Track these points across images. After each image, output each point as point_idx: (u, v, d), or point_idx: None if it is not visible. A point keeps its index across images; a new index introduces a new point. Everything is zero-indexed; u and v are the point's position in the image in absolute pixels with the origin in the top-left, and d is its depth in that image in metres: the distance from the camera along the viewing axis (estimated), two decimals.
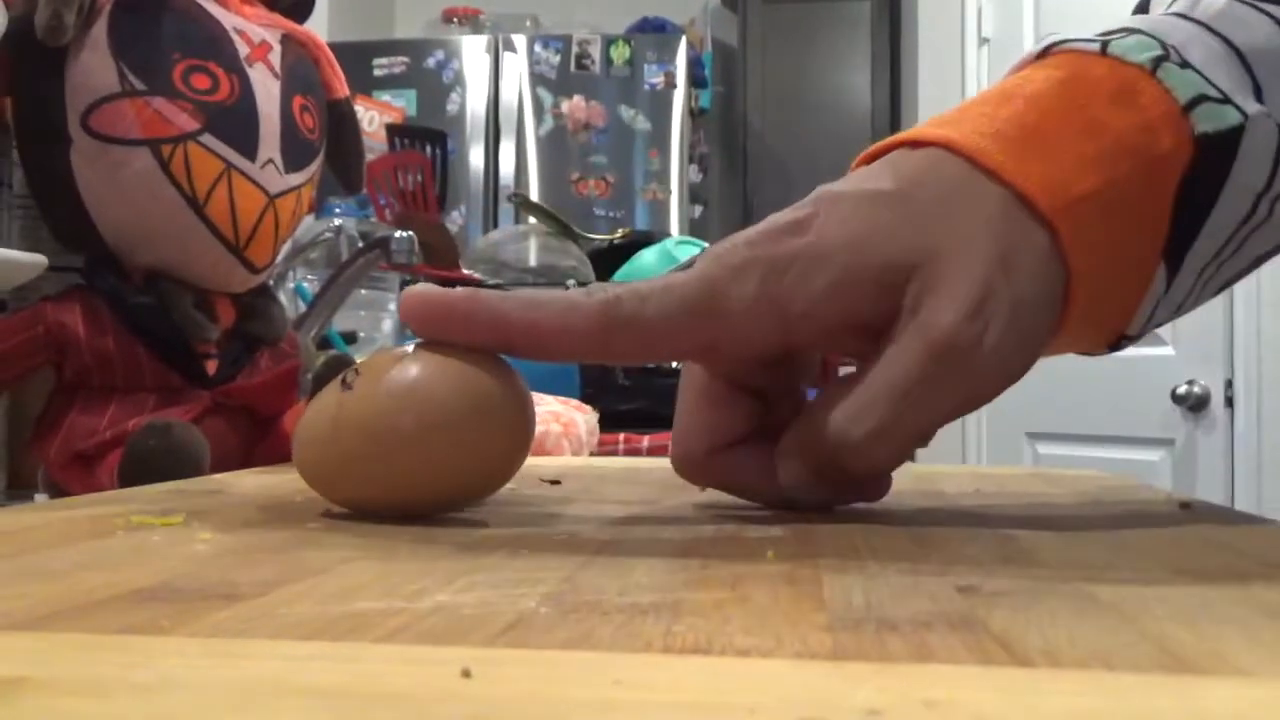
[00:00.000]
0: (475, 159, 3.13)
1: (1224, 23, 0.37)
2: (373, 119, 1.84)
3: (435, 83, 3.18)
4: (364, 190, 0.92)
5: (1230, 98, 0.36)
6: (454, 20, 3.61)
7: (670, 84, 3.13)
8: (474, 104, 3.16)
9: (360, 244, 1.07)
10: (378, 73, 3.18)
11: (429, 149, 1.57)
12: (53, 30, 0.57)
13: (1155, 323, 0.39)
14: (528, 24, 3.52)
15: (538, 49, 3.18)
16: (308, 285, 1.16)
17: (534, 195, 2.97)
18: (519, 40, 3.21)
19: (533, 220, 1.73)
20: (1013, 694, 0.16)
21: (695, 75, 3.28)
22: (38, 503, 0.57)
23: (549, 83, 3.17)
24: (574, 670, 0.17)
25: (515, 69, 3.17)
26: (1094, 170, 0.35)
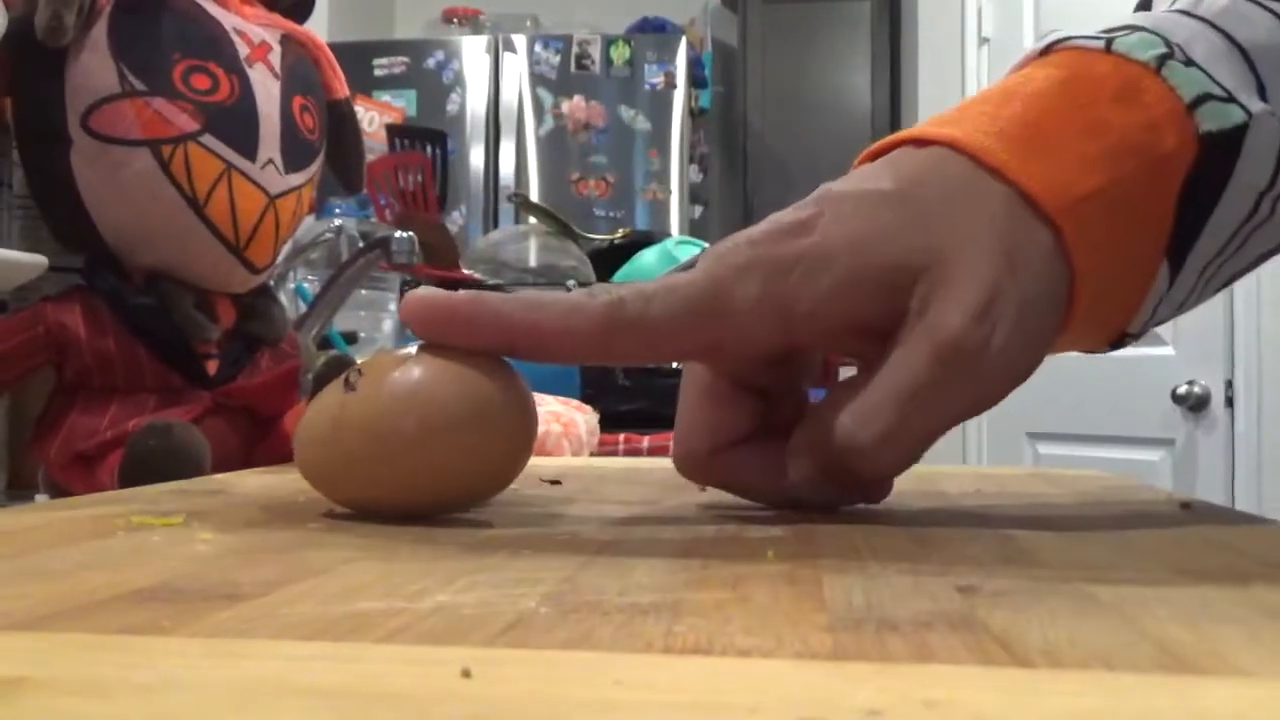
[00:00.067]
0: (475, 159, 3.13)
1: (1227, 19, 0.37)
2: (373, 119, 1.84)
3: (435, 83, 3.18)
4: (364, 190, 0.92)
5: (1234, 96, 0.35)
6: (454, 20, 3.61)
7: (670, 84, 3.13)
8: (474, 104, 3.16)
9: (360, 244, 1.07)
10: (378, 73, 3.18)
11: (429, 149, 1.57)
12: (53, 31, 0.57)
13: (1157, 320, 0.39)
14: (528, 24, 3.52)
15: (538, 49, 3.18)
16: (308, 285, 1.16)
17: (534, 195, 2.97)
18: (519, 40, 3.21)
19: (533, 220, 1.73)
20: (1013, 694, 0.16)
21: (695, 75, 3.28)
22: (38, 503, 0.57)
23: (549, 83, 3.17)
24: (574, 670, 0.17)
25: (515, 69, 3.17)
26: (1097, 169, 0.34)
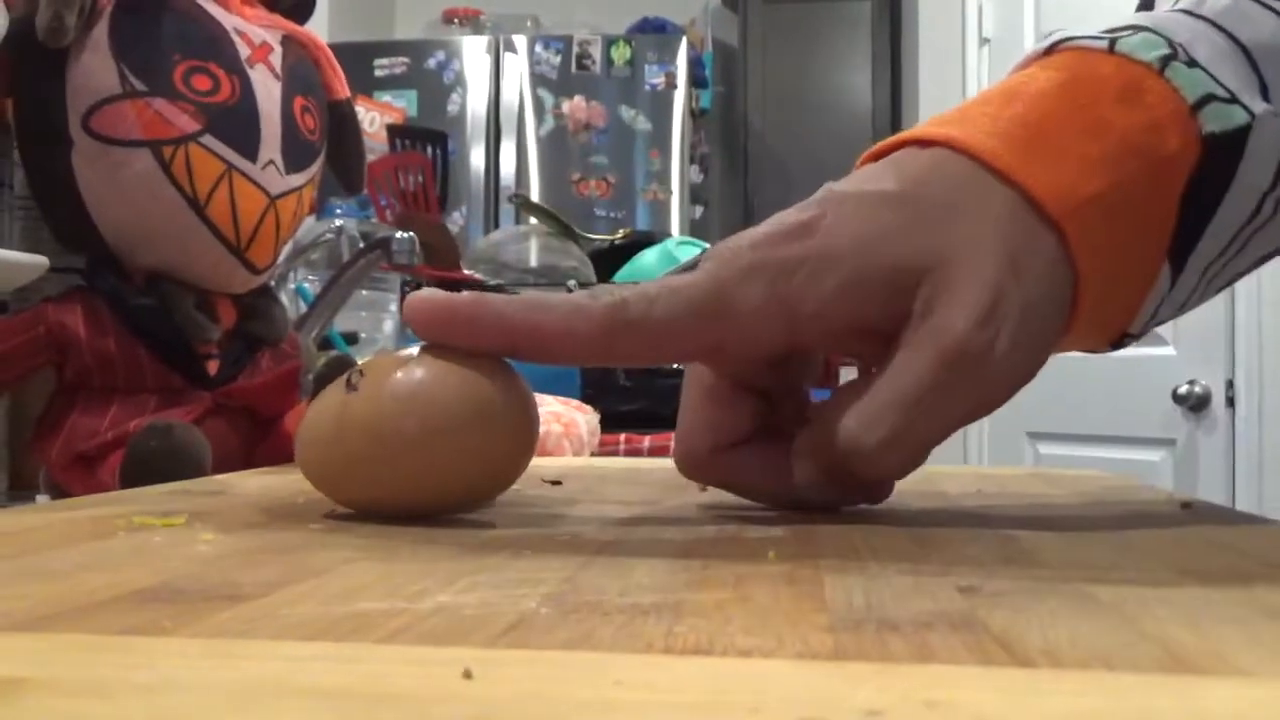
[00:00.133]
0: (476, 160, 3.13)
1: (1230, 19, 0.37)
2: (373, 120, 1.84)
3: (436, 83, 3.18)
4: (365, 191, 0.92)
5: (1238, 97, 0.35)
6: (454, 21, 3.61)
7: (671, 84, 3.13)
8: (475, 104, 3.16)
9: (361, 245, 1.07)
10: (378, 73, 3.18)
11: (430, 150, 1.57)
12: (54, 32, 0.57)
13: (1159, 320, 0.39)
14: (528, 24, 3.52)
15: (538, 49, 3.18)
16: (309, 286, 1.16)
17: (535, 196, 2.97)
18: (519, 41, 3.21)
19: (534, 221, 1.73)
20: (1013, 694, 0.16)
21: (696, 75, 3.28)
22: (39, 504, 0.57)
23: (550, 83, 3.17)
24: (575, 671, 0.17)
25: (516, 69, 3.17)
26: (1101, 171, 0.34)
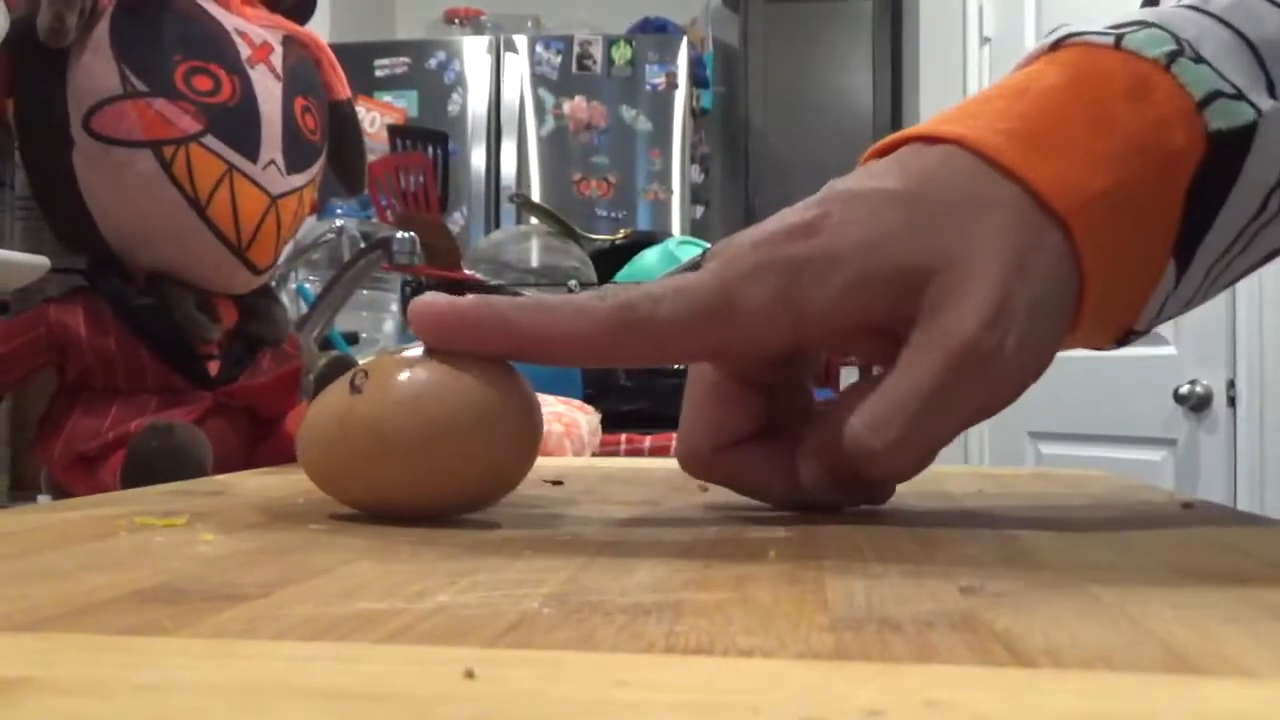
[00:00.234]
0: (477, 160, 3.13)
1: (1236, 15, 0.37)
2: (374, 120, 1.84)
3: (437, 83, 3.18)
4: (365, 191, 0.92)
5: (1244, 93, 0.35)
6: (455, 21, 3.61)
7: (672, 84, 3.13)
8: (475, 105, 3.16)
9: (362, 245, 1.07)
10: (379, 74, 3.18)
11: (430, 150, 1.57)
12: (54, 32, 0.57)
13: (1164, 317, 0.38)
14: (529, 25, 3.52)
15: (539, 49, 3.18)
16: (310, 286, 1.16)
17: (536, 196, 2.97)
18: (520, 41, 3.21)
19: (534, 221, 1.72)
20: (1015, 694, 0.16)
21: (697, 75, 3.28)
22: (40, 504, 0.57)
23: (550, 83, 3.17)
24: (577, 670, 0.17)
25: (517, 70, 3.17)
26: (1107, 168, 0.34)
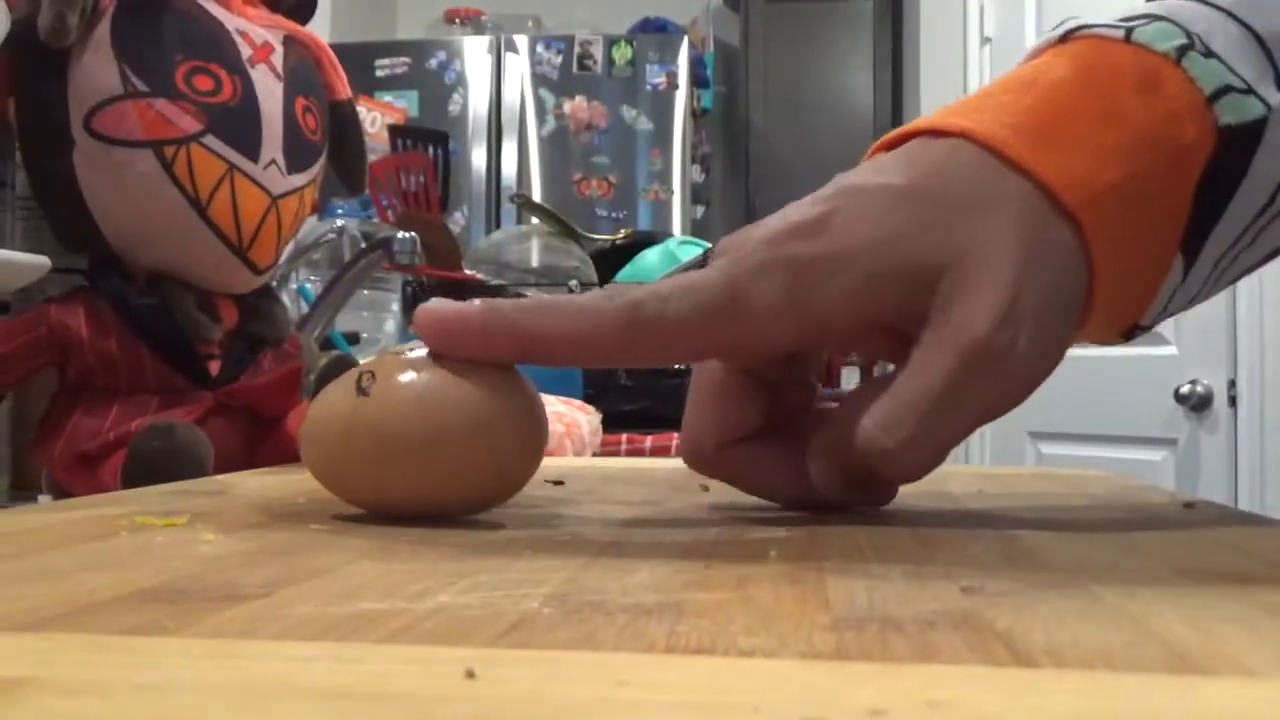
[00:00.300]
0: (477, 160, 3.13)
1: (1245, 8, 0.36)
2: (375, 120, 1.84)
3: (437, 83, 3.18)
4: (366, 191, 0.92)
5: (1254, 88, 0.35)
6: (456, 21, 3.62)
7: (672, 84, 3.13)
8: (476, 105, 3.16)
9: (363, 245, 1.07)
10: (380, 73, 3.18)
11: (431, 150, 1.57)
12: (55, 32, 0.57)
13: (1170, 312, 0.38)
14: (529, 24, 3.53)
15: (539, 49, 3.18)
16: (310, 286, 1.16)
17: (536, 196, 2.97)
18: (521, 41, 3.21)
19: (535, 221, 1.73)
20: (1016, 694, 0.16)
21: (697, 75, 3.28)
22: (41, 504, 0.57)
23: (551, 83, 3.17)
24: (578, 670, 0.17)
25: (517, 70, 3.17)
26: (1117, 162, 0.34)
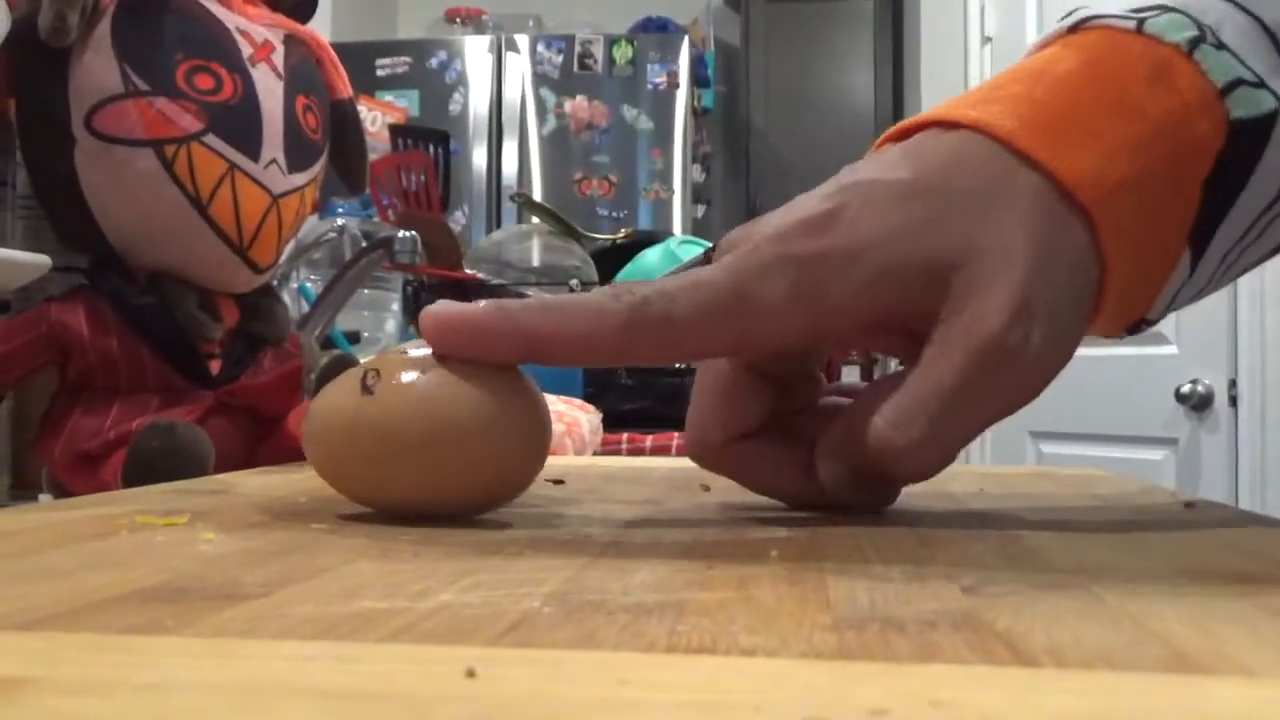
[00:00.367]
0: (478, 159, 3.13)
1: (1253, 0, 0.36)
2: (376, 119, 1.85)
3: (438, 83, 3.18)
4: (367, 190, 0.92)
5: (1265, 81, 0.35)
6: (457, 20, 3.62)
7: (673, 83, 3.13)
8: (477, 104, 3.16)
9: (363, 244, 1.07)
10: (380, 73, 3.18)
11: (432, 149, 1.57)
12: (56, 31, 0.57)
13: (1176, 305, 0.38)
14: (530, 24, 3.53)
15: (540, 49, 3.18)
16: (311, 285, 1.16)
17: (537, 195, 2.97)
18: (522, 40, 3.21)
19: (536, 220, 1.73)
20: (1017, 694, 0.16)
21: (698, 75, 3.28)
22: (42, 503, 0.57)
23: (552, 83, 3.17)
24: (578, 670, 0.17)
25: (518, 69, 3.17)
26: (1128, 155, 0.34)
